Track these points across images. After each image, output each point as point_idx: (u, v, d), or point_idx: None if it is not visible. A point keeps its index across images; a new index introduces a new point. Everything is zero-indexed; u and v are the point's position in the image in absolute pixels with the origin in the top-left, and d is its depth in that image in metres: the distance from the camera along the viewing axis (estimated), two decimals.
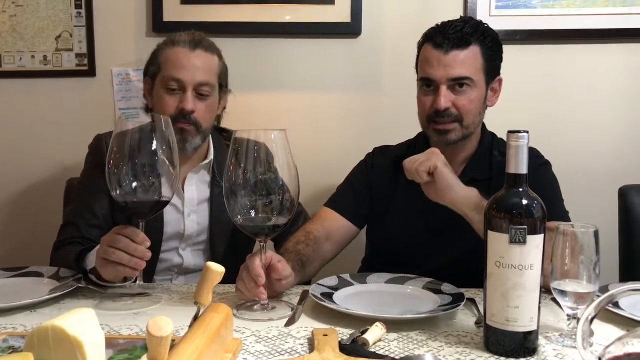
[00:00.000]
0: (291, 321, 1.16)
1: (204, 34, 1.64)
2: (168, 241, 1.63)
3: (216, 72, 1.61)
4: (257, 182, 1.18)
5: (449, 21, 1.50)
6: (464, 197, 1.35)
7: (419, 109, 1.55)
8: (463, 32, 1.46)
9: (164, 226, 1.60)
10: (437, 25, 1.52)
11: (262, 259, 1.22)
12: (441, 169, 1.35)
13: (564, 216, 1.46)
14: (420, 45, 1.54)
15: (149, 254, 1.24)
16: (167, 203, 1.28)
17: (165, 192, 1.25)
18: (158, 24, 2.12)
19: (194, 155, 1.64)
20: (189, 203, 1.64)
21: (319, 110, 2.19)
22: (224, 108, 1.74)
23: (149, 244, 1.25)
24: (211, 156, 1.67)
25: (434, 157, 1.37)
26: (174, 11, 2.12)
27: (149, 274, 1.61)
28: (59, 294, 1.26)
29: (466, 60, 1.46)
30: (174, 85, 1.56)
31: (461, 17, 1.54)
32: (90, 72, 2.17)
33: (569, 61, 2.13)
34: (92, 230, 1.54)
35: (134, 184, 1.22)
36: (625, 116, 2.14)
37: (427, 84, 1.50)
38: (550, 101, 2.14)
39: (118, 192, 1.22)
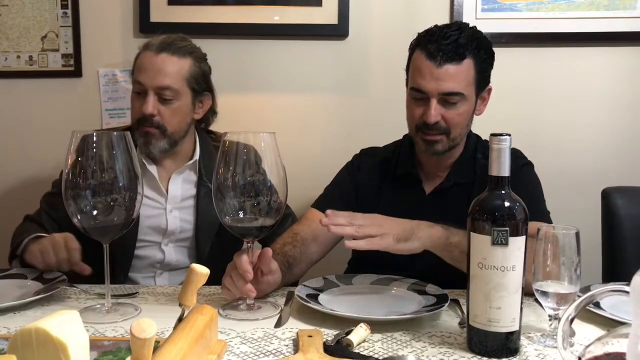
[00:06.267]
0: (280, 322, 1.16)
1: (182, 37, 1.65)
2: (147, 235, 1.65)
3: (183, 76, 1.60)
4: (245, 184, 1.18)
5: (443, 27, 1.46)
6: (431, 247, 1.27)
7: (407, 115, 1.54)
8: (458, 43, 1.42)
9: (139, 220, 1.61)
10: (431, 29, 1.48)
11: (249, 256, 1.22)
12: (393, 248, 1.23)
13: (545, 216, 1.47)
14: (413, 48, 1.51)
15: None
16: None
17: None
18: (145, 25, 2.12)
19: (179, 155, 1.67)
20: (172, 200, 1.67)
21: (305, 112, 2.19)
22: (215, 112, 1.74)
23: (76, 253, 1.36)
24: (197, 156, 1.69)
25: (383, 241, 1.22)
26: (160, 12, 2.11)
27: (124, 268, 1.63)
28: (42, 295, 1.25)
29: (459, 75, 1.43)
30: (138, 89, 1.59)
31: (455, 22, 1.51)
32: (77, 72, 2.16)
33: (554, 64, 2.16)
34: (52, 223, 1.63)
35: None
36: (608, 118, 2.17)
37: (417, 95, 1.47)
38: (534, 103, 2.17)
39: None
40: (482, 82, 1.50)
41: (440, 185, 1.56)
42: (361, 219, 1.25)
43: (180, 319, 0.93)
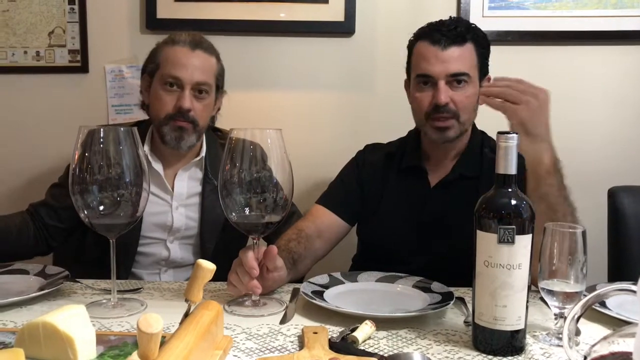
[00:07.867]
0: (285, 319, 1.16)
1: (202, 35, 1.66)
2: (152, 232, 1.66)
3: (214, 73, 1.63)
4: (251, 181, 1.19)
5: (440, 20, 1.52)
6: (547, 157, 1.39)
7: (414, 107, 1.55)
8: (458, 29, 1.48)
9: (143, 216, 1.59)
10: (428, 24, 1.53)
11: (255, 253, 1.22)
12: (529, 120, 1.37)
13: None
14: (412, 44, 1.55)
15: None
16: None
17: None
18: (151, 21, 2.12)
19: (186, 152, 1.66)
20: (178, 197, 1.67)
21: (311, 109, 2.19)
22: (219, 109, 1.75)
23: None
24: (203, 153, 1.69)
25: (545, 102, 1.40)
26: (167, 8, 2.12)
27: (126, 265, 1.63)
28: (48, 290, 1.25)
29: (463, 56, 1.47)
30: (172, 83, 1.58)
31: (450, 17, 1.55)
32: (83, 68, 2.16)
33: (560, 62, 2.15)
34: (49, 211, 1.65)
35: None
36: (615, 117, 2.16)
37: (424, 81, 1.49)
38: None
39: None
40: (482, 69, 1.54)
41: (445, 177, 1.56)
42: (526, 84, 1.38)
43: (186, 315, 0.93)
